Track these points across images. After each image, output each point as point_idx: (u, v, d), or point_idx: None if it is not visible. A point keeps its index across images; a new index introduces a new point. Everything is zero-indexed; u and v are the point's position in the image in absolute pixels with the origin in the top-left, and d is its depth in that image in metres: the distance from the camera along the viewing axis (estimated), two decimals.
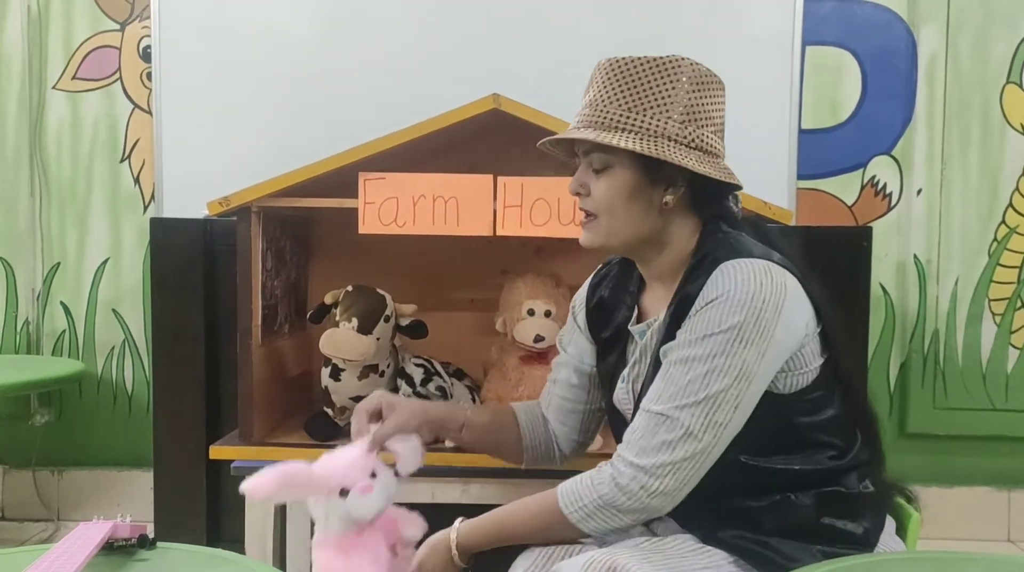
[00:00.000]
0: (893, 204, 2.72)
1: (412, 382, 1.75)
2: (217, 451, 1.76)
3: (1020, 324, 2.72)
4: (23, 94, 2.74)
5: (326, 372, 1.80)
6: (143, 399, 2.75)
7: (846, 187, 2.71)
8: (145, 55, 2.69)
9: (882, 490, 1.32)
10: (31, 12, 2.72)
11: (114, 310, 2.77)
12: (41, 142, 2.76)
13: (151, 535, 1.22)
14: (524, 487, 1.70)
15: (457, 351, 1.97)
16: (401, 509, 1.36)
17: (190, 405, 2.15)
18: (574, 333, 1.47)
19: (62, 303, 2.78)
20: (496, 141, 1.92)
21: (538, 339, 1.75)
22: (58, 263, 2.78)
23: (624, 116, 1.22)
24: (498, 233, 1.70)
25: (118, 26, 2.72)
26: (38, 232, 2.77)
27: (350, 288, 1.79)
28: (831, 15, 2.65)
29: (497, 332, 1.85)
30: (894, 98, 2.69)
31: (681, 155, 1.21)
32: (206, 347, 2.16)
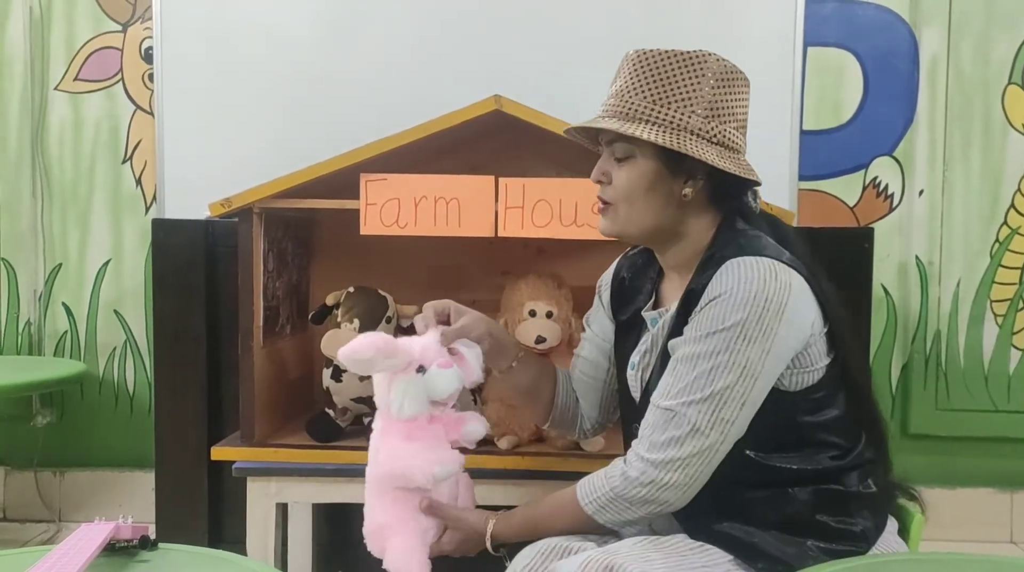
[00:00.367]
0: (895, 205, 2.72)
1: None
2: (219, 452, 1.76)
3: (1022, 325, 2.72)
4: (25, 95, 2.74)
5: (327, 373, 1.80)
6: (144, 400, 2.75)
7: (848, 188, 2.71)
8: (147, 56, 2.70)
9: (885, 491, 1.32)
10: (33, 13, 2.72)
11: (116, 311, 2.78)
12: (43, 143, 2.76)
13: (152, 536, 1.22)
14: (526, 488, 1.71)
15: None
16: (465, 412, 1.40)
17: (191, 406, 2.15)
18: (598, 311, 1.50)
19: (64, 304, 2.78)
20: (498, 142, 1.92)
21: (540, 340, 1.75)
22: (60, 264, 2.78)
23: (648, 108, 1.24)
24: (499, 234, 1.70)
25: (120, 27, 2.73)
26: (40, 233, 2.77)
27: (351, 289, 1.79)
28: (832, 16, 2.65)
29: None
30: (896, 99, 2.69)
31: (702, 149, 1.23)
32: (208, 348, 2.16)
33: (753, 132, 1.34)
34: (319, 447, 1.77)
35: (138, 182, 2.75)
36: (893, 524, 1.32)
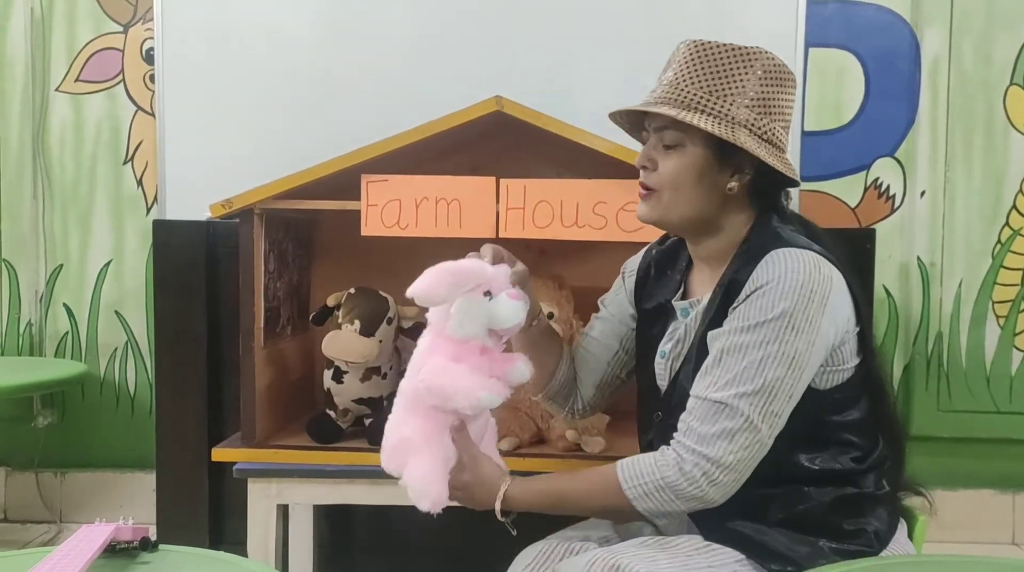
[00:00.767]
0: (896, 206, 2.72)
1: None
2: (219, 453, 1.76)
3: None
4: (26, 96, 2.74)
5: (328, 374, 1.80)
6: (145, 401, 2.75)
7: (849, 189, 2.71)
8: (148, 57, 2.70)
9: (898, 493, 1.33)
10: (34, 14, 2.72)
11: (117, 312, 2.78)
12: (44, 144, 2.76)
13: (153, 537, 1.22)
14: None
15: None
16: (519, 355, 1.35)
17: (192, 407, 2.15)
18: (619, 294, 1.49)
19: (65, 305, 2.78)
20: (499, 143, 1.92)
21: None
22: (61, 265, 2.78)
23: (703, 98, 1.24)
24: (501, 235, 1.70)
25: (121, 28, 2.73)
26: (41, 234, 2.77)
27: (352, 290, 1.79)
28: (834, 17, 2.64)
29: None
30: (897, 100, 2.68)
31: (754, 144, 1.23)
32: (208, 349, 2.16)
33: None
34: (320, 448, 1.77)
35: (139, 183, 2.75)
36: (903, 526, 1.32)
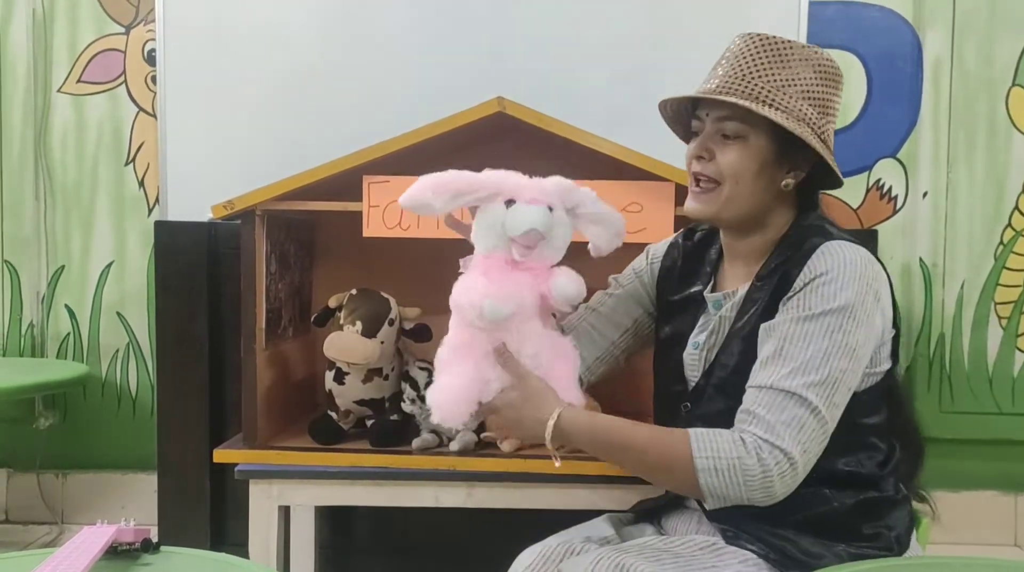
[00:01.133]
0: (898, 207, 2.71)
1: (416, 385, 1.74)
2: (221, 454, 1.76)
3: None
4: (28, 97, 2.74)
5: (330, 375, 1.80)
6: (147, 402, 2.75)
7: (851, 190, 2.70)
8: (150, 58, 2.70)
9: (913, 497, 1.33)
10: (36, 15, 2.72)
11: (118, 313, 2.78)
12: (46, 145, 2.76)
13: (155, 539, 1.22)
14: (528, 491, 1.70)
15: None
16: (566, 268, 1.28)
17: (194, 408, 2.15)
18: (641, 276, 1.49)
19: (66, 306, 2.78)
20: (501, 144, 1.91)
21: None
22: (62, 266, 2.78)
23: (771, 92, 1.23)
24: None
25: (123, 29, 2.73)
26: (43, 235, 2.77)
27: (354, 291, 1.79)
28: (836, 18, 2.64)
29: None
30: (899, 101, 2.68)
31: (817, 142, 1.23)
32: (210, 350, 2.16)
33: None
34: (322, 450, 1.77)
35: (141, 184, 2.75)
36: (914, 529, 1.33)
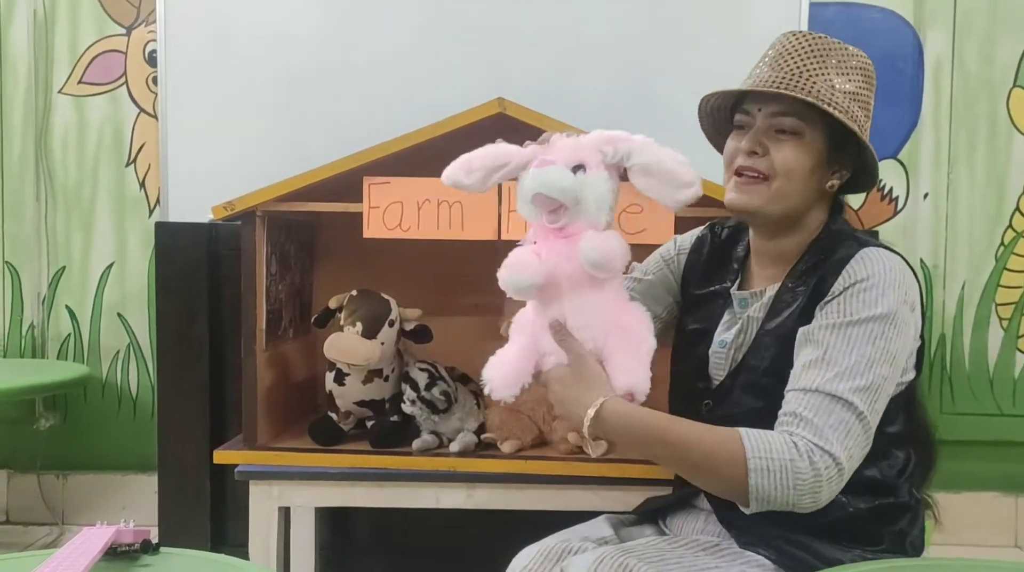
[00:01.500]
0: (899, 208, 2.71)
1: (416, 386, 1.74)
2: (221, 455, 1.76)
3: None
4: (29, 98, 2.75)
5: (330, 376, 1.80)
6: (148, 403, 2.75)
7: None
8: (151, 59, 2.70)
9: (922, 500, 1.33)
10: (37, 16, 2.73)
11: (119, 314, 2.78)
12: (47, 146, 2.76)
13: (155, 540, 1.22)
14: (529, 492, 1.70)
15: (462, 355, 1.95)
16: (593, 231, 1.18)
17: (194, 409, 2.15)
18: (670, 265, 1.47)
19: (67, 307, 2.78)
20: None
21: None
22: (63, 267, 2.78)
23: (828, 92, 1.23)
24: (503, 237, 1.70)
25: (124, 30, 2.73)
26: (44, 236, 2.77)
27: (354, 292, 1.79)
28: (836, 19, 2.64)
29: (502, 337, 1.84)
30: (900, 102, 2.68)
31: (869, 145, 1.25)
32: (211, 351, 2.16)
33: None
34: (322, 451, 1.77)
35: (142, 185, 2.75)
36: None
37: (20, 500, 2.81)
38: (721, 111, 1.34)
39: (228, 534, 2.18)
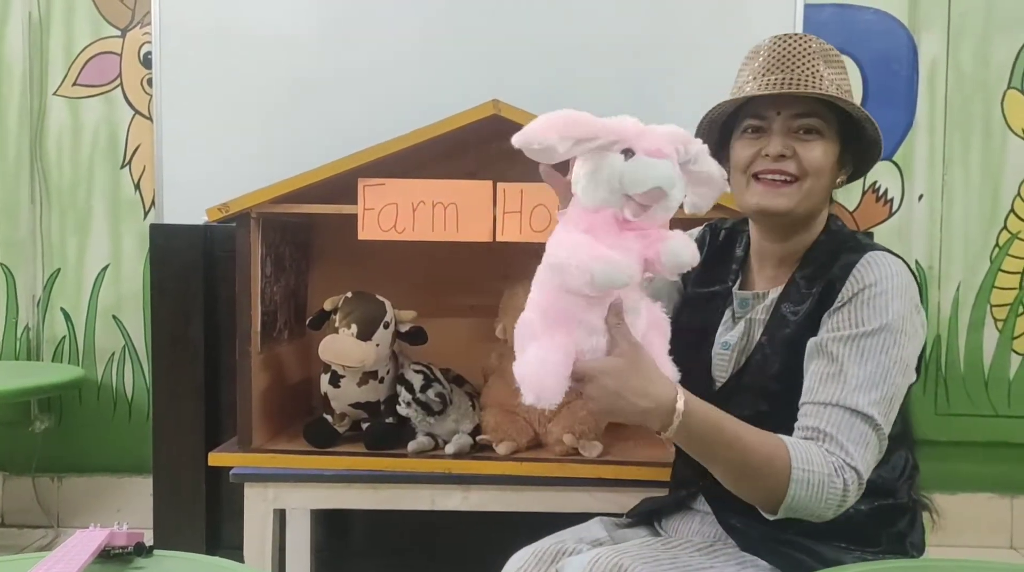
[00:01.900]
0: (894, 210, 2.72)
1: (412, 388, 1.74)
2: (216, 458, 1.75)
3: (1022, 330, 2.71)
4: (24, 100, 2.74)
5: (325, 378, 1.80)
6: (143, 405, 2.74)
7: (847, 193, 2.70)
8: (146, 61, 2.70)
9: (921, 501, 1.34)
10: (32, 18, 2.72)
11: (114, 316, 2.77)
12: (42, 148, 2.76)
13: (149, 542, 1.22)
14: (524, 494, 1.70)
15: (457, 357, 1.96)
16: (679, 232, 1.12)
17: (190, 411, 2.14)
18: None
19: (62, 309, 2.78)
20: (496, 147, 1.91)
21: None
22: (58, 269, 2.77)
23: (836, 90, 1.24)
24: (498, 239, 1.70)
25: (119, 32, 2.72)
26: (38, 238, 2.77)
27: (349, 294, 1.79)
28: (831, 20, 2.64)
29: (497, 338, 1.85)
30: (895, 104, 2.68)
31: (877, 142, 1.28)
32: (206, 353, 2.16)
33: None
34: (317, 453, 1.77)
35: (137, 187, 2.75)
36: None
37: (15, 502, 2.80)
38: (716, 121, 1.33)
39: (223, 536, 2.17)
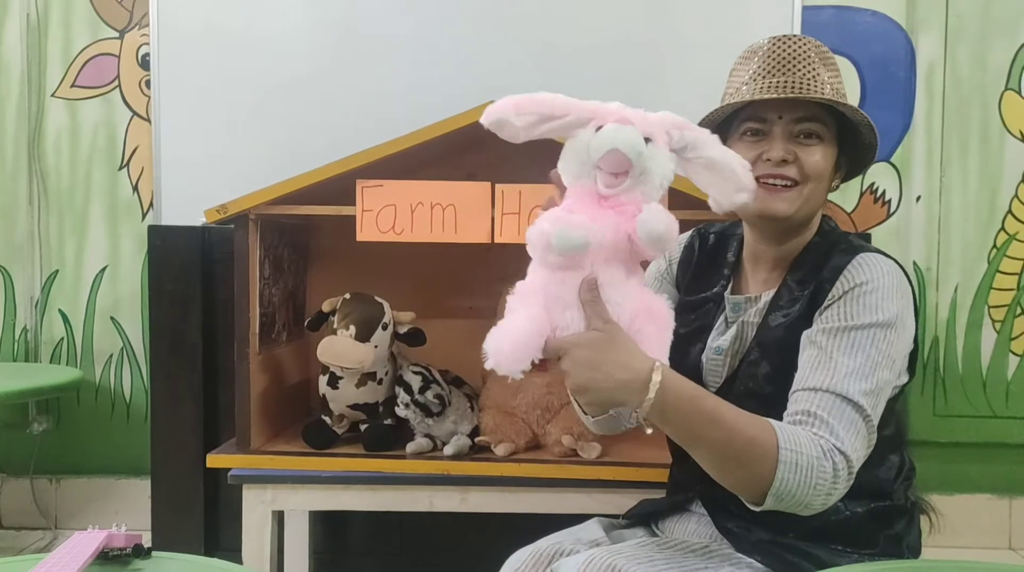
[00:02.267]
0: (892, 211, 2.72)
1: (410, 390, 1.74)
2: (214, 459, 1.75)
3: (1020, 331, 2.71)
4: (22, 102, 2.74)
5: (324, 380, 1.80)
6: (141, 407, 2.74)
7: (845, 194, 2.71)
8: (144, 63, 2.69)
9: (918, 503, 1.34)
10: (30, 20, 2.72)
11: (112, 318, 2.77)
12: (40, 150, 2.75)
13: (147, 544, 1.22)
14: (523, 495, 1.70)
15: (455, 359, 1.96)
16: (655, 204, 1.08)
17: (188, 413, 2.14)
18: (665, 279, 1.46)
19: (60, 311, 2.78)
20: (494, 148, 1.91)
21: None
22: (56, 271, 2.77)
23: (833, 94, 1.25)
24: (496, 240, 1.70)
25: (117, 34, 2.72)
26: (37, 240, 2.76)
27: (348, 295, 1.79)
28: (829, 22, 2.64)
29: None
30: (893, 105, 2.69)
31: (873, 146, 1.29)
32: (204, 355, 2.16)
33: None
34: (315, 454, 1.77)
35: (135, 188, 2.75)
36: None
37: (13, 504, 2.80)
38: (713, 122, 1.32)
39: (221, 538, 2.17)
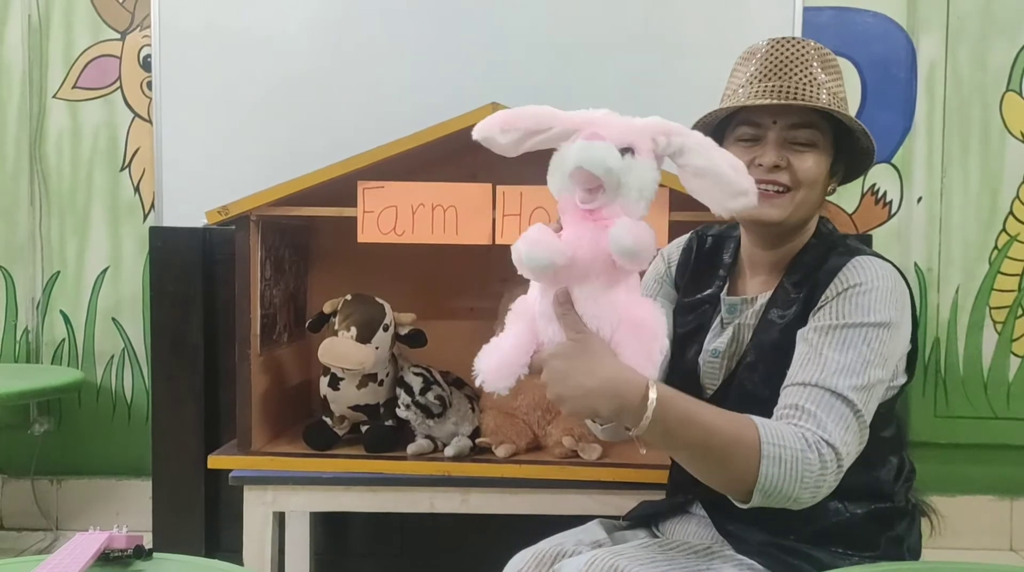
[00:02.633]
0: (893, 212, 2.72)
1: (411, 391, 1.74)
2: (215, 460, 1.75)
3: (1021, 332, 2.71)
4: (23, 103, 2.74)
5: (325, 381, 1.80)
6: (142, 408, 2.74)
7: (846, 195, 2.71)
8: (145, 64, 2.70)
9: (919, 504, 1.34)
10: (31, 21, 2.72)
11: (114, 319, 2.77)
12: (41, 151, 2.76)
13: (148, 545, 1.22)
14: (523, 496, 1.70)
15: (456, 360, 1.95)
16: (627, 218, 1.07)
17: (189, 414, 2.14)
18: (664, 282, 1.46)
19: (62, 312, 2.78)
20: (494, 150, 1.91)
21: None
22: (58, 272, 2.77)
23: (829, 99, 1.24)
24: (497, 242, 1.70)
25: (118, 35, 2.73)
26: (38, 241, 2.77)
27: (349, 297, 1.79)
28: (830, 23, 2.64)
29: None
30: (894, 106, 2.68)
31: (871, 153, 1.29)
32: (205, 356, 2.16)
33: None
34: (316, 455, 1.77)
35: (136, 190, 2.75)
36: None
37: (14, 505, 2.80)
38: (709, 124, 1.32)
39: (223, 539, 2.17)
